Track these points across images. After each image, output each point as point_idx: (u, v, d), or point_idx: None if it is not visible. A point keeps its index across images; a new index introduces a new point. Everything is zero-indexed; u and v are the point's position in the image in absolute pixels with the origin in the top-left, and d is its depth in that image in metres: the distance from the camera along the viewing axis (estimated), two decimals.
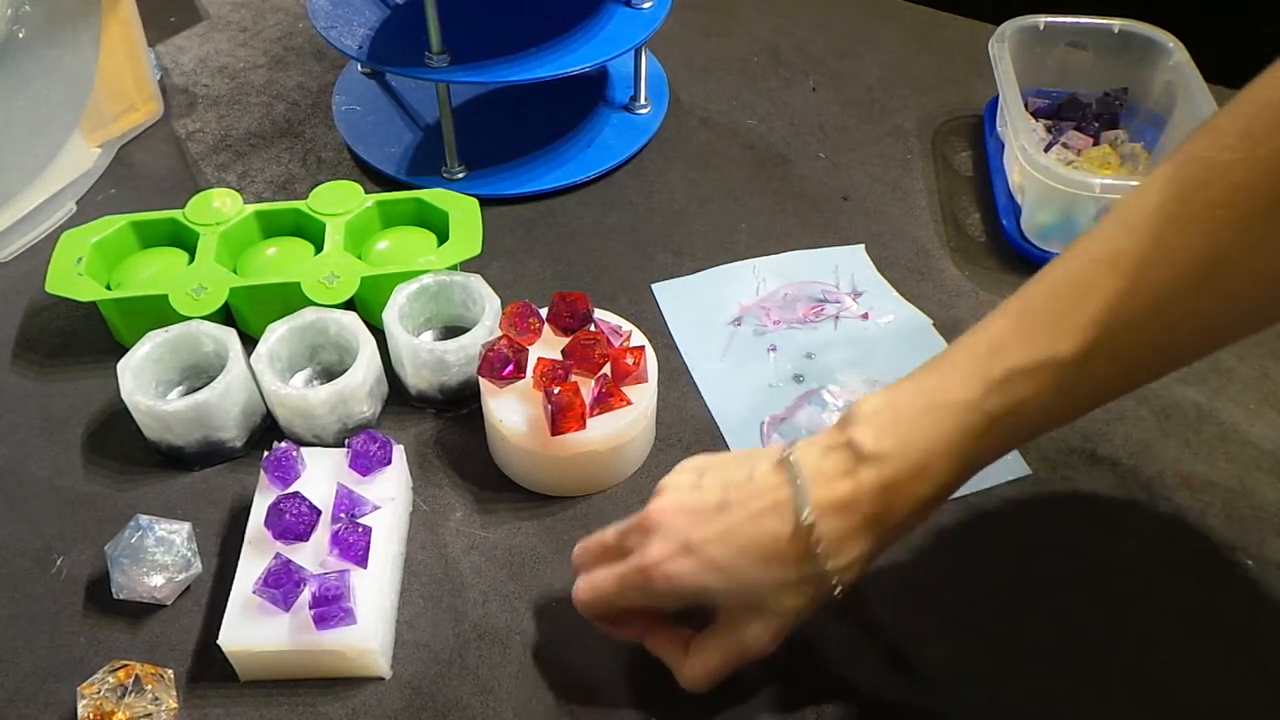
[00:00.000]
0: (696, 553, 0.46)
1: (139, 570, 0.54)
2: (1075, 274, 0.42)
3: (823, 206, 0.81)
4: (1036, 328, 0.42)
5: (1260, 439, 0.64)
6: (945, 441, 0.43)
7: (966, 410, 0.43)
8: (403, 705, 0.52)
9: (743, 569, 0.45)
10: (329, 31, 0.78)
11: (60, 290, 0.65)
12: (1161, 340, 0.42)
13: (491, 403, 0.59)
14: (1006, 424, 0.43)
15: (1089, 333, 0.41)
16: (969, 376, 0.43)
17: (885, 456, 0.43)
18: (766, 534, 0.45)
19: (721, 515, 0.46)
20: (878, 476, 0.43)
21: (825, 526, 0.44)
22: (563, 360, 0.59)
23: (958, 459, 0.43)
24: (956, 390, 0.43)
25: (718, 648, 0.48)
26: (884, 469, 0.43)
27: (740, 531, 0.45)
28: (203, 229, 0.69)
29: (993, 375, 0.42)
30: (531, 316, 0.61)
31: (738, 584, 0.46)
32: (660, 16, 0.80)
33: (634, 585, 0.47)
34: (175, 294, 0.65)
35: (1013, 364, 0.42)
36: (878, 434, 0.44)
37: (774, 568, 0.45)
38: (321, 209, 0.70)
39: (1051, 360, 0.41)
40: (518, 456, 0.60)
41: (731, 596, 0.47)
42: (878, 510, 0.44)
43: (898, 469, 0.43)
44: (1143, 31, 0.81)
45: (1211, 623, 0.55)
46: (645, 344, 0.62)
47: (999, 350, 0.43)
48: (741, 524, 0.45)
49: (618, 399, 0.58)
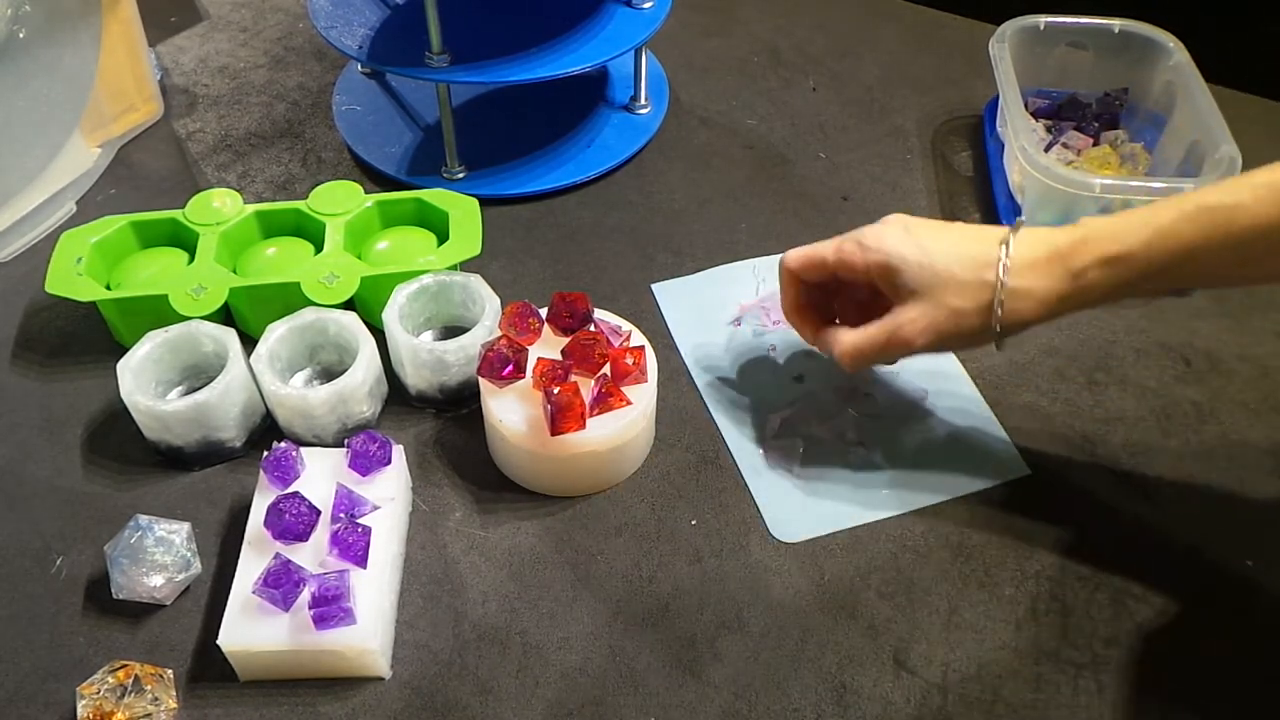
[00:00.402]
0: (910, 230, 0.56)
1: (139, 570, 0.54)
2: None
3: (823, 206, 0.81)
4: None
5: (1260, 439, 0.64)
6: (1142, 217, 0.52)
7: (1170, 208, 0.51)
8: (403, 705, 0.52)
9: (938, 253, 0.54)
10: (329, 31, 0.78)
11: (60, 290, 0.65)
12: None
13: (491, 403, 0.59)
14: (1205, 220, 0.50)
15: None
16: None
17: (1088, 224, 0.53)
18: (969, 239, 0.55)
19: (938, 224, 0.57)
20: (1077, 229, 0.53)
21: (1018, 249, 0.53)
22: (562, 360, 0.59)
23: (1153, 230, 0.51)
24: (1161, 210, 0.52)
25: (879, 327, 0.57)
26: (1084, 228, 0.53)
27: (950, 232, 0.56)
28: (203, 229, 0.69)
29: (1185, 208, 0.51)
30: (531, 316, 0.61)
31: (928, 264, 0.54)
32: (660, 16, 0.80)
33: (847, 249, 0.58)
34: (175, 294, 0.65)
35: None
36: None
37: (962, 265, 0.54)
38: (321, 209, 0.70)
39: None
40: (517, 456, 0.60)
41: (914, 278, 0.55)
42: (1067, 250, 0.52)
43: (1095, 228, 0.53)
44: (1143, 31, 0.81)
45: (1212, 622, 0.55)
46: (645, 344, 0.62)
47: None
48: (953, 230, 0.56)
49: (617, 399, 0.58)
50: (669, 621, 0.55)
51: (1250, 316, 0.72)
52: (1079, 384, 0.68)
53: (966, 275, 0.54)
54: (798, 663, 0.54)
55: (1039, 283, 0.53)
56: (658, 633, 0.55)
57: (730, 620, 0.55)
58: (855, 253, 0.57)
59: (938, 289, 0.54)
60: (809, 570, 0.58)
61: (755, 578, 0.57)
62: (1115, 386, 0.67)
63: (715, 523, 0.60)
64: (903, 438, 0.64)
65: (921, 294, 0.55)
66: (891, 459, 0.63)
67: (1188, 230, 0.50)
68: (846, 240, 0.58)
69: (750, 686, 0.53)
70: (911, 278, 0.55)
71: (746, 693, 0.52)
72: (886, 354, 0.57)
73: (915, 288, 0.55)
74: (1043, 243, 0.53)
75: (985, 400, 0.66)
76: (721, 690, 0.52)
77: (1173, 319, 0.72)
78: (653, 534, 0.59)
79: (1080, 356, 0.69)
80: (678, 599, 0.56)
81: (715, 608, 0.56)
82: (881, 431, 0.64)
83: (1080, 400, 0.66)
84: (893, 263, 0.55)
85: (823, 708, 0.52)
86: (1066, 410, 0.66)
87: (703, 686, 0.53)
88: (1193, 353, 0.70)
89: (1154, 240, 0.51)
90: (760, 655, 0.54)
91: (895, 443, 0.64)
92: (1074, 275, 0.52)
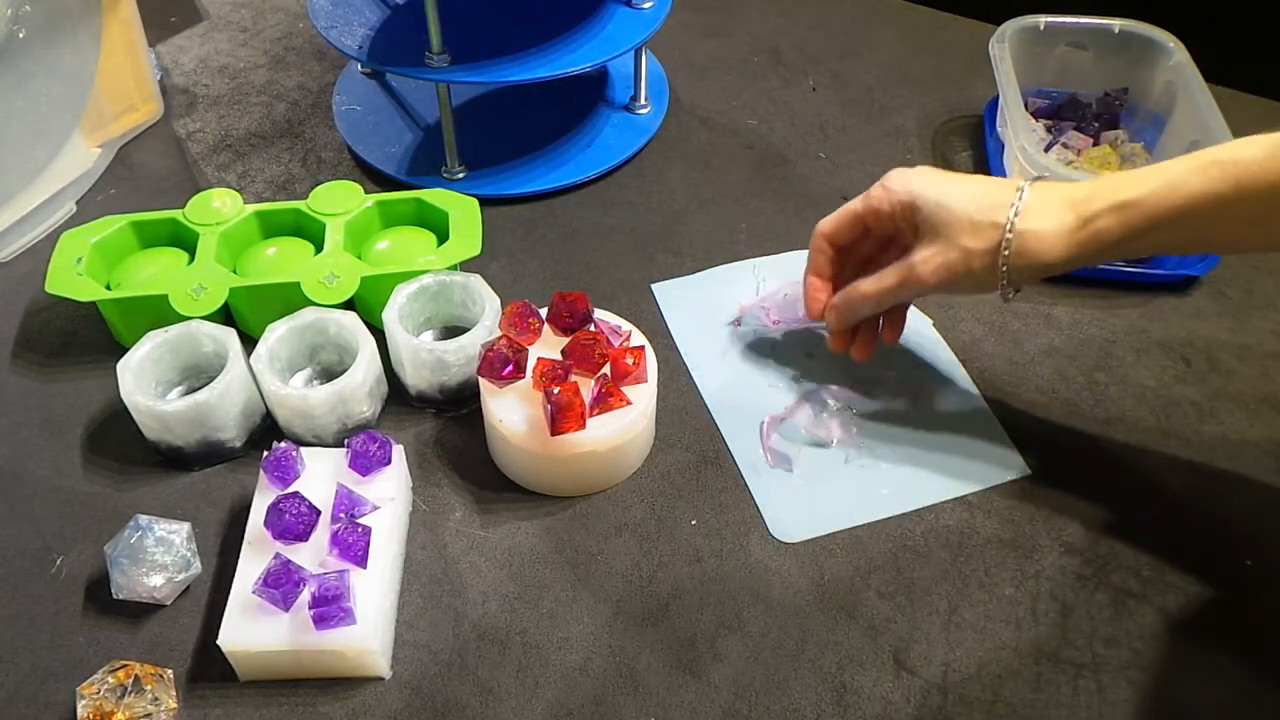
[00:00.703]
0: (931, 175, 0.59)
1: (139, 570, 0.54)
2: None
3: (823, 206, 0.81)
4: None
5: (1260, 439, 0.64)
6: (1154, 168, 0.53)
7: (1182, 161, 0.53)
8: (403, 705, 0.52)
9: (956, 195, 0.57)
10: (329, 31, 0.78)
11: (60, 290, 0.65)
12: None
13: (491, 403, 0.59)
14: (1215, 173, 0.51)
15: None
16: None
17: (1102, 177, 0.55)
18: (988, 185, 0.57)
19: (961, 175, 0.60)
20: (1092, 182, 0.55)
21: (1032, 194, 0.55)
22: (562, 360, 0.59)
23: (1164, 179, 0.52)
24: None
25: (894, 269, 0.59)
26: (1098, 180, 0.55)
27: (971, 180, 0.59)
28: (203, 229, 0.69)
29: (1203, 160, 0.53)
30: (531, 316, 0.61)
31: (946, 204, 0.57)
32: (660, 16, 0.80)
33: (875, 194, 0.60)
34: (175, 294, 0.65)
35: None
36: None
37: (977, 206, 0.56)
38: (321, 209, 0.70)
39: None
40: (517, 456, 0.60)
41: (932, 215, 0.57)
42: (1080, 197, 0.54)
43: (1107, 178, 0.55)
44: (1143, 31, 0.81)
45: (1212, 623, 0.55)
46: (645, 344, 0.62)
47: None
48: (974, 179, 0.59)
49: (617, 399, 0.58)
50: (669, 621, 0.55)
51: (1250, 316, 0.72)
52: (1079, 384, 0.68)
53: (980, 216, 0.56)
54: (798, 663, 0.54)
55: (1049, 224, 0.55)
56: (658, 633, 0.55)
57: (730, 620, 0.55)
58: (882, 196, 0.60)
59: (953, 227, 0.57)
60: (809, 570, 0.58)
61: (755, 578, 0.57)
62: (1115, 386, 0.67)
63: (715, 523, 0.60)
64: (903, 438, 0.64)
65: (938, 232, 0.57)
66: (891, 459, 0.63)
67: (1195, 181, 0.51)
68: (875, 187, 0.61)
69: (750, 686, 0.53)
70: (929, 214, 0.57)
71: (746, 693, 0.52)
72: (902, 292, 0.59)
73: (933, 224, 0.57)
74: (1056, 191, 0.56)
75: (985, 400, 0.66)
76: (721, 690, 0.52)
77: (1173, 319, 0.72)
78: (653, 534, 0.59)
79: (1080, 356, 0.69)
80: (678, 599, 0.56)
81: (715, 608, 0.56)
82: (881, 431, 0.64)
83: (1080, 400, 0.66)
84: (915, 200, 0.58)
85: (823, 708, 0.52)
86: (1066, 410, 0.66)
87: (703, 686, 0.53)
88: (1193, 353, 0.70)
89: (1162, 189, 0.52)
90: (760, 655, 0.54)
91: (895, 443, 0.64)
92: (1084, 220, 0.54)
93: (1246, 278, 0.75)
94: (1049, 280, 0.74)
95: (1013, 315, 0.72)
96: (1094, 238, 0.54)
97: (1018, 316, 0.72)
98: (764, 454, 0.63)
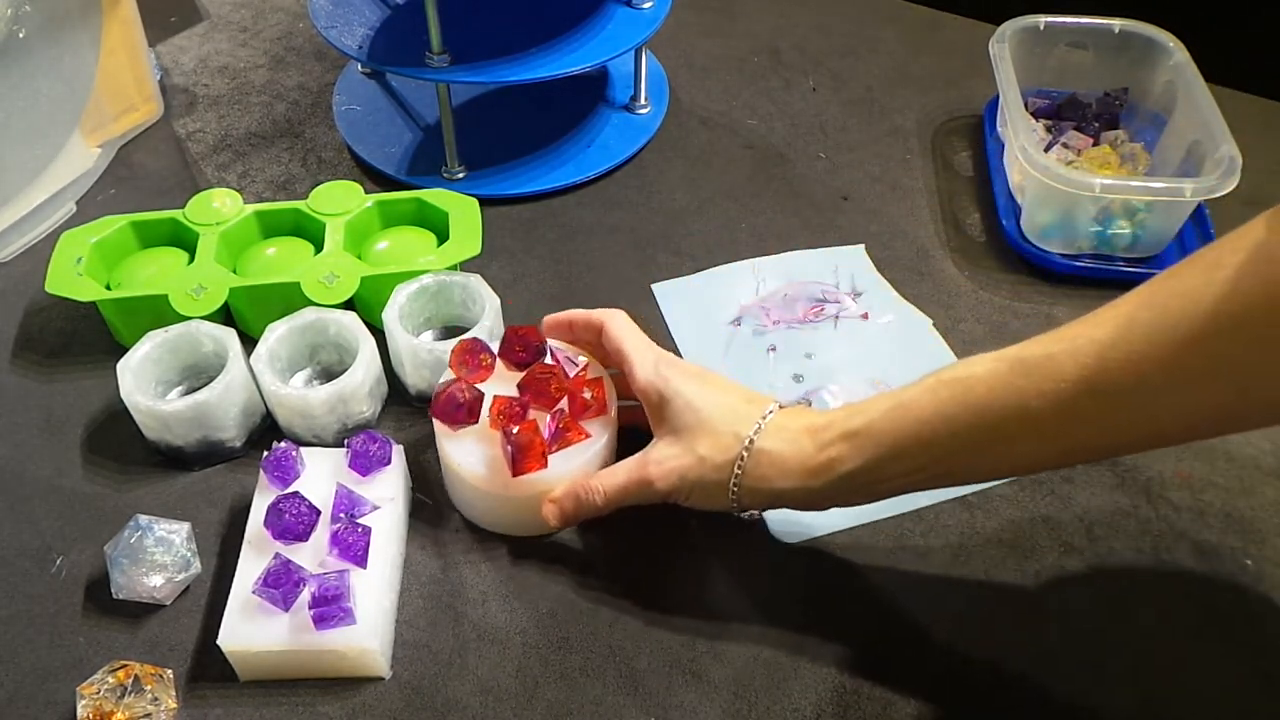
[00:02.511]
0: (691, 372, 0.56)
1: (138, 570, 0.54)
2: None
3: (823, 206, 0.81)
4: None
5: (1260, 439, 0.64)
6: (891, 394, 0.50)
7: (916, 384, 0.50)
8: (403, 705, 0.52)
9: (708, 402, 0.54)
10: (329, 31, 0.78)
11: (60, 290, 0.65)
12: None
13: (448, 445, 0.57)
14: (944, 393, 0.48)
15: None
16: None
17: (849, 405, 0.52)
18: (741, 398, 0.55)
19: (724, 380, 0.56)
20: (831, 410, 0.53)
21: (780, 415, 0.53)
22: (519, 396, 0.57)
23: (895, 402, 0.50)
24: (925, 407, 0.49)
25: (627, 466, 0.55)
26: (837, 410, 0.52)
27: (728, 389, 0.56)
28: (203, 229, 0.69)
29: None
30: (483, 353, 0.59)
31: (695, 405, 0.54)
32: (660, 16, 0.80)
33: (639, 367, 0.56)
34: (175, 294, 0.65)
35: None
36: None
37: (723, 414, 0.53)
38: (321, 209, 0.70)
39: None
40: (478, 499, 0.58)
41: (680, 414, 0.54)
42: (819, 424, 0.51)
43: (845, 408, 0.52)
44: (1143, 31, 0.81)
45: (1212, 623, 0.55)
46: (604, 374, 0.60)
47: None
48: (733, 388, 0.56)
49: (576, 433, 0.57)
50: (669, 621, 0.55)
51: None
52: None
53: (724, 426, 0.53)
54: (798, 663, 0.54)
55: (787, 448, 0.51)
56: (658, 633, 0.55)
57: (730, 620, 0.55)
58: (648, 378, 0.56)
59: (696, 431, 0.53)
60: (809, 570, 0.57)
61: (755, 578, 0.57)
62: None
63: (715, 523, 0.60)
64: None
65: (678, 433, 0.54)
66: None
67: (927, 401, 0.48)
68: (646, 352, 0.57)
69: (750, 686, 0.53)
70: (678, 412, 0.54)
71: (746, 693, 0.52)
72: (632, 492, 0.55)
73: (676, 425, 0.54)
74: (801, 415, 0.53)
75: None
76: (721, 690, 0.52)
77: None
78: (653, 534, 0.59)
79: None
80: (678, 599, 0.56)
81: (715, 608, 0.56)
82: None
83: None
84: (666, 393, 0.54)
85: (823, 708, 0.52)
86: None
87: (703, 686, 0.53)
88: None
89: (894, 411, 0.49)
90: (760, 655, 0.54)
91: None
92: (820, 447, 0.51)
93: None
94: (1049, 280, 0.74)
95: (1013, 315, 0.72)
96: (827, 467, 0.50)
97: (1018, 317, 0.72)
98: None
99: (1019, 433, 0.46)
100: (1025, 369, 0.46)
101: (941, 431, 0.48)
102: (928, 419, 0.48)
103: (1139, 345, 0.43)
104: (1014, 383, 0.46)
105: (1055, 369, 0.45)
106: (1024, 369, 0.46)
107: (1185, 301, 0.42)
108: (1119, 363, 0.43)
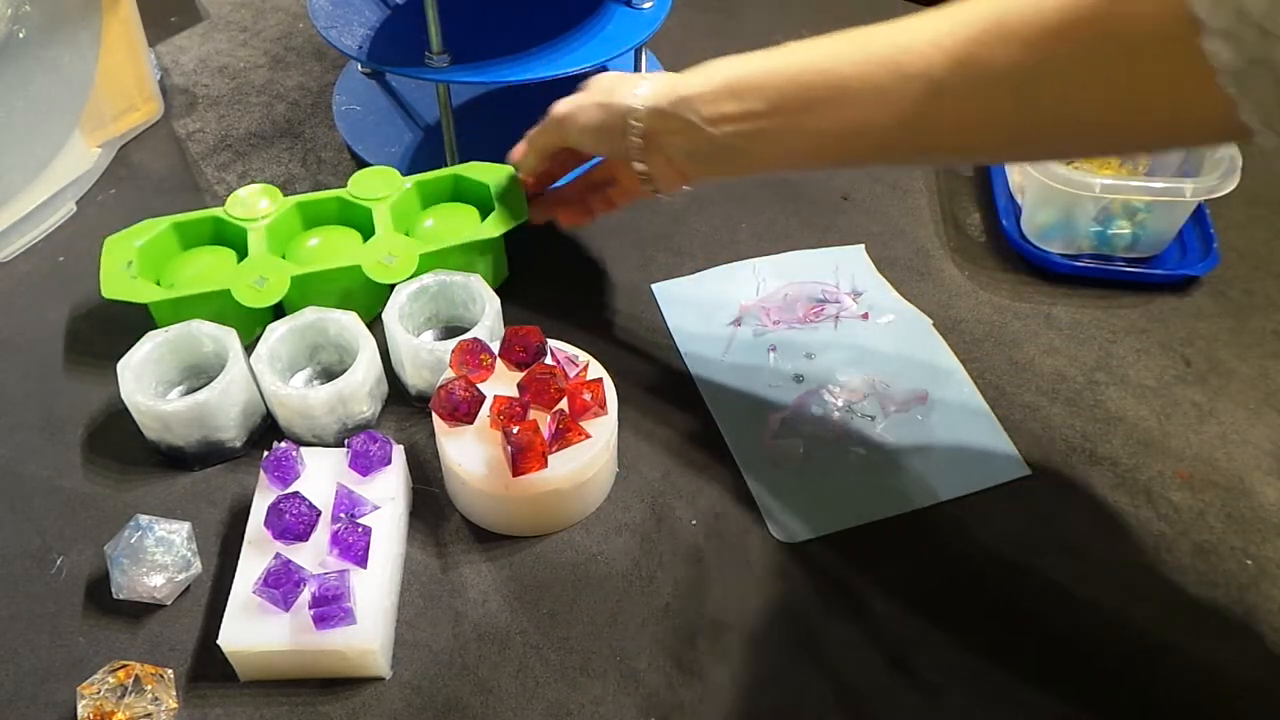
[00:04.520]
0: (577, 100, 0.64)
1: (139, 570, 0.54)
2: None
3: (823, 206, 0.81)
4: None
5: (1260, 439, 0.64)
6: (744, 69, 0.56)
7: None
8: (403, 705, 0.52)
9: (586, 105, 0.63)
10: (329, 31, 0.78)
11: (119, 295, 0.65)
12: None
13: (448, 445, 0.57)
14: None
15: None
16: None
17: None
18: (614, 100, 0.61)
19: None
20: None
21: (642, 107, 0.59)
22: (519, 396, 0.58)
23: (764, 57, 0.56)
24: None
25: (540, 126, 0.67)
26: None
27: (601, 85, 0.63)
28: (248, 224, 0.69)
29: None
30: (483, 352, 0.59)
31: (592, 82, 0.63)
32: (660, 16, 0.80)
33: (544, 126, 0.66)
34: (238, 287, 0.65)
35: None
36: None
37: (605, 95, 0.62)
38: (362, 194, 0.71)
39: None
40: (478, 499, 0.58)
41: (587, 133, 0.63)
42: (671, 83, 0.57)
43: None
44: None
45: (1212, 623, 0.55)
46: (603, 375, 0.60)
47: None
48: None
49: (575, 433, 0.57)
50: (669, 621, 0.55)
51: (1250, 316, 0.72)
52: (1079, 384, 0.68)
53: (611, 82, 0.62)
54: (797, 662, 0.54)
55: (663, 75, 0.59)
56: (658, 633, 0.55)
57: (730, 620, 0.55)
58: (548, 133, 0.66)
59: (591, 88, 0.63)
60: (809, 570, 0.58)
61: (755, 578, 0.57)
62: (1115, 386, 0.67)
63: (715, 523, 0.60)
64: (903, 438, 0.64)
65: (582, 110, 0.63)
66: (891, 459, 0.63)
67: (778, 55, 0.56)
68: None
69: (750, 686, 0.53)
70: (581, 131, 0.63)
71: (746, 693, 0.52)
72: (543, 131, 0.66)
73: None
74: (662, 85, 0.59)
75: (985, 400, 0.66)
76: (721, 690, 0.52)
77: (1173, 319, 0.72)
78: (653, 534, 0.59)
79: (1080, 356, 0.69)
80: (678, 599, 0.56)
81: (715, 608, 0.56)
82: (881, 431, 0.64)
83: (1080, 400, 0.67)
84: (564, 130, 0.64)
85: (823, 708, 0.52)
86: (1066, 410, 0.66)
87: (703, 686, 0.53)
88: (1193, 353, 0.70)
89: (744, 60, 0.55)
90: (760, 655, 0.54)
91: (895, 443, 0.64)
92: (685, 76, 0.57)
93: (1246, 278, 0.75)
94: (1049, 280, 0.74)
95: (1013, 315, 0.72)
96: (682, 83, 0.56)
97: (1018, 317, 0.72)
98: (764, 454, 0.63)
99: (853, 99, 0.53)
100: (874, 47, 0.53)
101: (777, 79, 0.55)
102: (793, 69, 0.55)
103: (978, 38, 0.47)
104: (856, 54, 0.54)
105: (905, 42, 0.51)
106: (873, 46, 0.54)
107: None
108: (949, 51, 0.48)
